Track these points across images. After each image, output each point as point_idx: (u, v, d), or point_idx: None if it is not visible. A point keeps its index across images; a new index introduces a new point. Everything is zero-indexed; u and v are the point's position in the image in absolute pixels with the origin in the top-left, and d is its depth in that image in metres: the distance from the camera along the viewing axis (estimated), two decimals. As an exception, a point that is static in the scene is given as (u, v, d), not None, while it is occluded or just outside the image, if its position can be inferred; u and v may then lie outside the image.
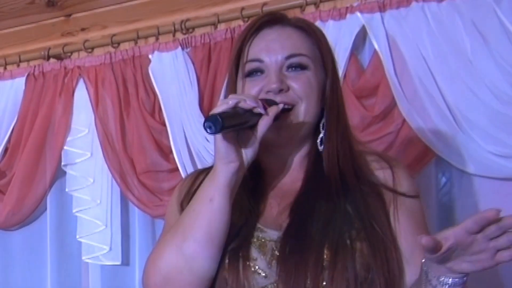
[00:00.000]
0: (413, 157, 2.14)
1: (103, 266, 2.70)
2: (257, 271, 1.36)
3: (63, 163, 2.74)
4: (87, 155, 2.70)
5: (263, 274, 1.36)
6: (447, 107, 2.11)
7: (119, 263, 2.68)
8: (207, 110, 2.45)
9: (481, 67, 2.05)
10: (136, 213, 2.67)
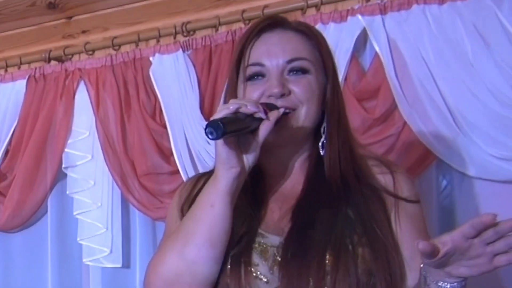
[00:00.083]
0: (414, 159, 2.15)
1: (103, 268, 2.70)
2: (259, 277, 1.36)
3: (63, 166, 2.74)
4: (88, 157, 2.70)
5: (264, 279, 1.36)
6: (448, 110, 2.11)
7: (119, 265, 2.67)
8: (208, 112, 2.45)
9: (482, 69, 2.06)
10: (136, 216, 2.67)
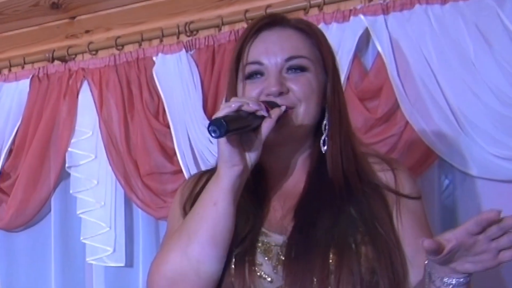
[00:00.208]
0: (416, 159, 2.15)
1: (107, 267, 2.71)
2: (263, 276, 1.36)
3: (67, 165, 2.74)
4: (91, 157, 2.70)
5: (268, 279, 1.36)
6: (450, 110, 2.11)
7: (122, 264, 2.68)
8: (211, 112, 2.45)
9: (484, 69, 2.06)
10: (140, 215, 2.67)
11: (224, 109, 1.31)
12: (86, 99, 2.73)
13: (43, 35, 2.96)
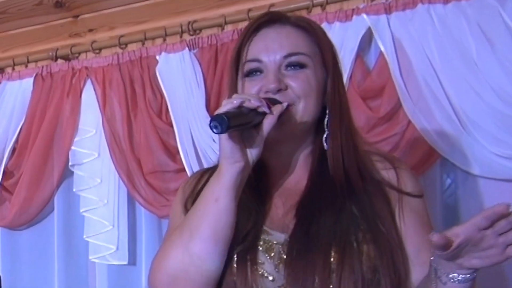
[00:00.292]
0: (418, 158, 2.15)
1: (109, 265, 2.71)
2: (265, 275, 1.36)
3: (70, 163, 2.75)
4: (94, 155, 2.71)
5: (270, 277, 1.36)
6: (452, 109, 2.11)
7: (125, 262, 2.69)
8: (213, 111, 2.43)
9: (486, 69, 2.06)
10: (142, 213, 2.68)
11: (225, 105, 1.31)
12: (89, 97, 2.73)
13: (47, 33, 2.96)
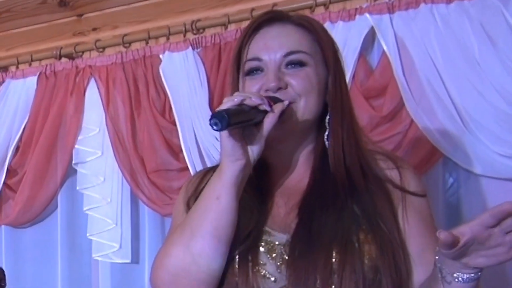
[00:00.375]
0: (420, 157, 2.15)
1: (113, 264, 2.72)
2: (266, 276, 1.36)
3: (74, 162, 2.75)
4: (98, 153, 2.72)
5: (272, 278, 1.36)
6: (454, 108, 2.12)
7: (128, 261, 2.69)
8: (217, 109, 2.46)
9: (488, 68, 2.06)
10: (146, 212, 2.68)
11: (226, 103, 1.32)
12: (93, 96, 2.74)
13: (51, 32, 2.97)
